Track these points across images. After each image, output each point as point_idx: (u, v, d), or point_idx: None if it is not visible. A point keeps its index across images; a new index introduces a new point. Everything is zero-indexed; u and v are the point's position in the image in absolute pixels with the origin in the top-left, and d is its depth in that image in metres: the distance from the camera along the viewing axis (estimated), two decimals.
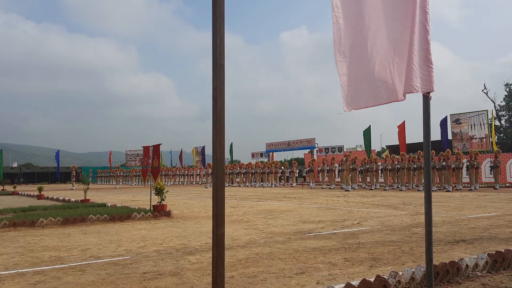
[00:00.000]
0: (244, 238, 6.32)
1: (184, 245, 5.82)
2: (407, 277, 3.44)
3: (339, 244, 5.66)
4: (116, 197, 18.89)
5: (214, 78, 2.19)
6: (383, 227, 7.17)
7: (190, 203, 13.72)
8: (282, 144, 39.94)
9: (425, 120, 2.91)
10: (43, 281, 4.04)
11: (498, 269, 4.03)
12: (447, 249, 5.19)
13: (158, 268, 4.48)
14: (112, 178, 42.71)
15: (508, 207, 10.31)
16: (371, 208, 10.76)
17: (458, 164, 19.72)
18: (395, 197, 15.17)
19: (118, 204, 12.90)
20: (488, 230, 6.68)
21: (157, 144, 10.88)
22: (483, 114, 25.71)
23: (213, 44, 2.21)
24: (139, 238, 6.56)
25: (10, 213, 10.49)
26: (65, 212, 9.78)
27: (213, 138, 2.14)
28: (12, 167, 59.86)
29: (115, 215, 9.00)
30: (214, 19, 2.19)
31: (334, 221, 8.20)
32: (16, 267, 4.66)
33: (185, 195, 19.02)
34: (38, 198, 18.09)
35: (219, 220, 2.11)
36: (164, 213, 9.59)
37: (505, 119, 49.24)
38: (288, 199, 14.84)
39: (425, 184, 2.92)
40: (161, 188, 10.01)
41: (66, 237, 6.85)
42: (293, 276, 3.99)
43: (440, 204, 11.47)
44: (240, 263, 4.60)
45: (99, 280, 4.03)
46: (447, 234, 6.34)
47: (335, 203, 12.80)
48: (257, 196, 17.39)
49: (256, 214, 9.74)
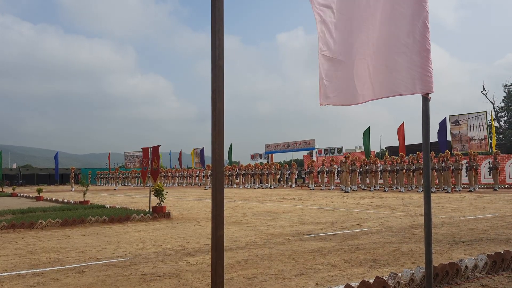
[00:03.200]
0: (244, 239, 6.32)
1: (184, 247, 5.81)
2: (407, 278, 3.44)
3: (339, 245, 5.66)
4: (115, 198, 18.87)
5: (213, 80, 2.18)
6: (383, 229, 7.17)
7: (190, 205, 13.70)
8: (282, 145, 39.96)
9: (425, 121, 2.91)
10: (42, 282, 4.03)
11: (497, 270, 4.03)
12: (446, 250, 5.19)
13: (157, 269, 4.48)
14: (111, 180, 42.67)
15: (507, 208, 10.32)
16: (370, 209, 10.76)
17: (457, 165, 19.73)
18: (395, 198, 15.17)
19: (117, 205, 12.89)
20: (487, 231, 6.68)
21: (156, 146, 10.88)
22: (482, 115, 25.74)
23: (212, 45, 2.20)
24: (138, 240, 6.56)
25: (9, 214, 10.46)
26: (64, 214, 9.76)
27: (212, 139, 2.14)
28: (11, 169, 59.79)
29: (114, 216, 8.98)
30: (213, 21, 2.19)
31: (333, 222, 8.19)
32: (15, 269, 4.65)
33: (184, 197, 19.00)
34: (37, 200, 18.05)
35: (218, 222, 2.10)
36: (164, 214, 9.59)
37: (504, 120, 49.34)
38: (288, 201, 14.84)
39: (424, 185, 2.93)
40: (160, 190, 10.00)
41: (65, 239, 6.84)
42: (292, 278, 3.99)
43: (440, 205, 11.47)
44: (239, 265, 4.59)
45: (98, 281, 4.02)
46: (447, 235, 6.34)
47: (335, 204, 12.79)
48: (256, 197, 17.37)
49: (255, 216, 9.73)
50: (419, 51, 2.82)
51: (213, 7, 2.18)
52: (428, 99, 2.89)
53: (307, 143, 37.24)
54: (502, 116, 49.47)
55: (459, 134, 26.59)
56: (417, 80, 2.82)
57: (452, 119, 26.91)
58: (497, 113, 48.67)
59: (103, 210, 10.59)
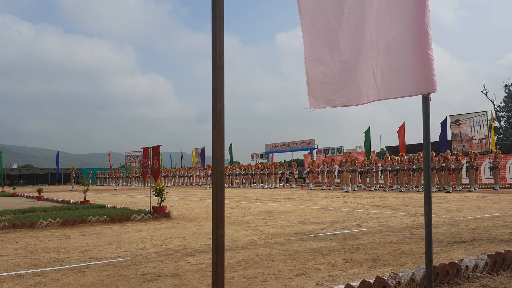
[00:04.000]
0: (244, 239, 6.32)
1: (184, 247, 5.82)
2: (407, 278, 3.44)
3: (339, 245, 5.66)
4: (115, 198, 18.88)
5: (213, 80, 2.19)
6: (383, 228, 7.17)
7: (190, 204, 13.71)
8: (282, 145, 39.95)
9: (425, 121, 2.91)
10: (43, 282, 4.03)
11: (498, 270, 4.03)
12: (446, 250, 5.19)
13: (158, 269, 4.48)
14: (112, 180, 42.68)
15: (507, 208, 10.31)
16: (370, 209, 10.75)
17: (458, 165, 19.72)
18: (395, 198, 15.16)
19: (118, 205, 12.90)
20: (487, 231, 6.68)
21: (157, 146, 10.90)
22: (483, 115, 25.72)
23: (212, 45, 2.20)
24: (138, 240, 6.56)
25: (9, 214, 10.47)
26: (65, 214, 9.77)
27: (213, 139, 2.14)
28: (12, 169, 59.82)
29: (115, 216, 8.99)
30: (213, 21, 2.19)
31: (333, 222, 8.19)
32: (15, 269, 4.65)
33: (185, 196, 19.01)
34: (38, 200, 18.07)
35: (219, 221, 2.10)
36: (164, 214, 9.59)
37: (504, 120, 49.32)
38: (288, 200, 14.84)
39: (424, 185, 2.93)
40: (160, 190, 10.00)
41: (65, 239, 6.84)
42: (293, 277, 3.99)
43: (440, 205, 11.47)
44: (239, 264, 4.59)
45: (99, 281, 4.02)
46: (447, 235, 6.34)
47: (335, 204, 12.79)
48: (256, 197, 17.37)
49: (255, 215, 9.73)
50: (422, 51, 2.82)
51: (214, 7, 2.18)
52: (428, 99, 2.89)
53: (307, 143, 37.23)
54: (503, 116, 49.47)
55: (460, 134, 26.58)
56: (421, 81, 2.82)
57: (452, 119, 26.89)
58: (498, 113, 48.67)
59: (104, 210, 10.59)
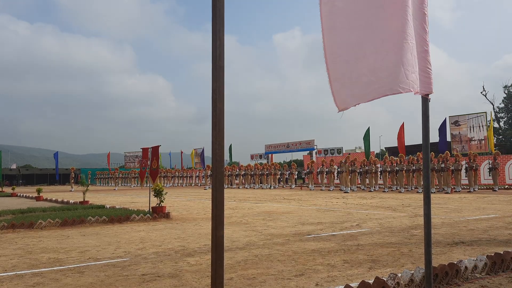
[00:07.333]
0: (243, 239, 6.32)
1: (183, 247, 5.81)
2: (406, 279, 3.44)
3: (338, 246, 5.66)
4: (115, 198, 18.86)
5: (213, 80, 2.18)
6: (382, 229, 7.17)
7: (189, 205, 13.70)
8: (281, 145, 39.95)
9: (424, 122, 2.92)
10: (42, 283, 4.03)
11: (497, 271, 4.03)
12: (446, 251, 5.19)
13: (157, 270, 4.48)
14: (111, 180, 42.66)
15: (507, 209, 10.32)
16: (370, 210, 10.76)
17: (457, 166, 19.73)
18: (394, 199, 15.17)
19: (117, 205, 12.88)
20: (487, 232, 6.68)
21: (156, 146, 10.89)
22: (482, 116, 25.74)
23: (212, 46, 2.20)
24: (138, 240, 6.56)
25: (8, 214, 10.46)
26: (64, 214, 9.76)
27: (213, 139, 2.14)
28: (11, 169, 59.73)
29: (114, 216, 8.98)
30: (213, 21, 2.19)
31: (333, 223, 8.19)
32: (14, 269, 4.65)
33: (184, 197, 19.00)
34: (37, 200, 18.04)
35: (218, 222, 2.10)
36: (163, 214, 9.58)
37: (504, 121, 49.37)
38: (287, 201, 14.83)
39: (424, 186, 2.93)
40: (160, 190, 10.00)
41: (64, 239, 6.84)
42: (292, 278, 3.99)
43: (439, 206, 11.47)
44: (239, 265, 4.59)
45: (98, 282, 4.02)
46: (446, 236, 6.34)
47: (334, 204, 12.79)
48: (256, 197, 17.37)
49: (255, 216, 9.73)
50: (418, 52, 2.82)
51: (214, 7, 2.18)
52: (427, 100, 2.89)
53: (307, 144, 37.22)
54: (502, 116, 49.53)
55: (459, 134, 26.59)
56: (416, 81, 2.82)
57: (452, 120, 26.91)
58: (497, 114, 48.72)
59: (103, 210, 10.58)
